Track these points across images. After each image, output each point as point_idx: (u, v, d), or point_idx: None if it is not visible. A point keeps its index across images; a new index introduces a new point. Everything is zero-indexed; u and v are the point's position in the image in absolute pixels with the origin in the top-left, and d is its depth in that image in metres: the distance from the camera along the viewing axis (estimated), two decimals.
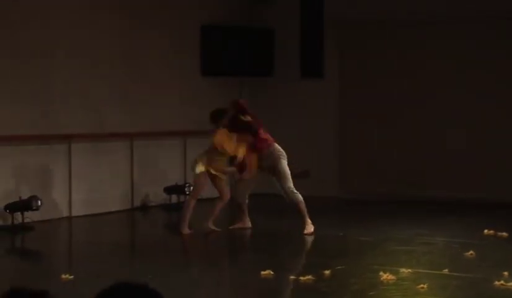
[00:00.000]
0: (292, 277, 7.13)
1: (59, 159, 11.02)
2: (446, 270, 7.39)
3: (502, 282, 6.91)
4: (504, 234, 9.24)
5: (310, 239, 9.43)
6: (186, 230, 9.54)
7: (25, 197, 10.13)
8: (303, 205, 9.51)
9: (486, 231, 9.40)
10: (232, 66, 13.10)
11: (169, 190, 12.11)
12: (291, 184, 9.54)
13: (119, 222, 11.24)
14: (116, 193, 11.72)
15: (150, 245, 9.38)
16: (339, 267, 7.53)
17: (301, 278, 7.06)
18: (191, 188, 10.83)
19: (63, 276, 7.22)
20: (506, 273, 7.13)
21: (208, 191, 10.66)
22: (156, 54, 12.35)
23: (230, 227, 9.97)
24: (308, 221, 9.54)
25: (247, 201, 9.89)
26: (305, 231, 9.50)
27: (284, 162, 9.58)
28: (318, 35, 13.35)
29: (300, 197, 9.51)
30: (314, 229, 9.52)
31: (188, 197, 10.47)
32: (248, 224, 9.94)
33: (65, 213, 11.05)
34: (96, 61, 11.49)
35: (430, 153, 12.61)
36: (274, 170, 9.57)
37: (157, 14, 12.32)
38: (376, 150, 12.96)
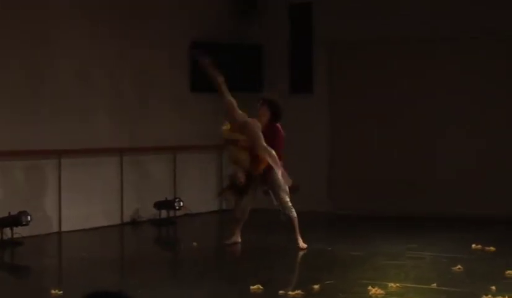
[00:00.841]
0: (281, 291, 7.15)
1: (49, 174, 11.04)
2: (434, 284, 7.43)
3: (489, 296, 6.94)
4: (492, 248, 9.31)
5: (299, 254, 9.47)
6: None
7: (14, 212, 10.15)
8: (296, 222, 9.58)
9: (473, 245, 9.45)
10: None
11: (159, 205, 12.14)
12: (287, 198, 9.58)
13: (109, 237, 11.25)
14: (106, 208, 11.74)
15: (140, 260, 9.39)
16: (328, 282, 7.57)
17: (290, 293, 7.09)
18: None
19: (53, 291, 7.23)
20: (493, 287, 7.17)
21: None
22: (146, 70, 12.41)
23: (226, 242, 9.99)
24: (299, 238, 9.59)
25: (246, 217, 9.88)
26: (300, 246, 9.57)
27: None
28: (307, 49, 13.44)
29: (294, 213, 9.58)
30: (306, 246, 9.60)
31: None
32: (238, 239, 9.98)
33: (55, 229, 11.06)
34: (86, 76, 11.53)
35: (419, 169, 12.69)
36: (270, 181, 9.55)
37: (147, 30, 12.39)
38: (366, 165, 13.03)
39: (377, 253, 9.21)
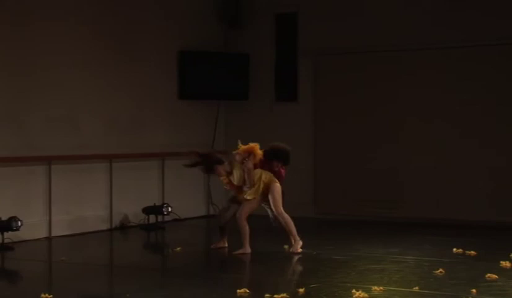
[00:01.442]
0: (267, 295, 7.27)
1: (39, 180, 11.14)
2: (417, 287, 7.57)
3: None
4: (473, 252, 9.49)
5: (285, 258, 9.61)
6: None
7: (5, 217, 10.24)
8: (292, 225, 9.80)
9: (455, 249, 9.64)
10: (209, 89, 13.31)
11: (147, 210, 12.25)
12: (281, 208, 9.88)
13: (99, 242, 11.35)
14: (95, 213, 11.85)
15: (129, 264, 9.50)
16: (313, 285, 7.70)
17: (276, 296, 7.20)
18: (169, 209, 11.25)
19: (43, 296, 7.31)
20: (474, 290, 7.34)
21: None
22: (135, 78, 12.53)
23: (212, 246, 10.19)
24: (298, 239, 9.82)
25: (228, 222, 10.11)
26: (292, 250, 9.77)
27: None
28: (292, 57, 13.59)
29: (288, 217, 9.84)
30: (301, 247, 9.80)
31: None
32: (225, 244, 10.15)
33: (45, 234, 11.16)
34: (76, 83, 11.64)
35: (401, 175, 12.83)
36: (268, 195, 9.87)
37: (137, 40, 12.51)
38: (349, 172, 13.17)
39: (361, 257, 9.37)
